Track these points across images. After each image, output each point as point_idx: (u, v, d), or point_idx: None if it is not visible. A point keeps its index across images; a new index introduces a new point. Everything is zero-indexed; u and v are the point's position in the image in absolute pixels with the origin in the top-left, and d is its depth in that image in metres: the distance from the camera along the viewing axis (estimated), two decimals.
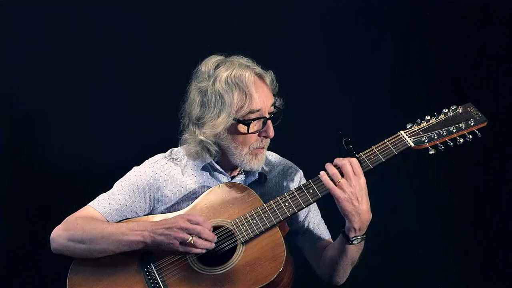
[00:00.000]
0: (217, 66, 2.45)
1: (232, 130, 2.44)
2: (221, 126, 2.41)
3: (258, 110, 2.42)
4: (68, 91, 3.41)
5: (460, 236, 3.44)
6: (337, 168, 2.31)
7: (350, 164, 2.30)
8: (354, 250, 2.40)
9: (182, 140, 2.55)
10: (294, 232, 2.58)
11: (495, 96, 3.30)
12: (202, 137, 2.45)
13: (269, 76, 2.48)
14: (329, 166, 2.32)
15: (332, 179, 2.30)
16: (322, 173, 2.33)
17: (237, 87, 2.40)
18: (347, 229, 2.34)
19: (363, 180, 2.29)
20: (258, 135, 2.45)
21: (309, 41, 3.48)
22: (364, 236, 2.36)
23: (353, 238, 2.34)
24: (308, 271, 2.62)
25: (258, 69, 2.46)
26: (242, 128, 2.43)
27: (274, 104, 2.47)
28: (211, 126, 2.42)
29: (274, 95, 2.49)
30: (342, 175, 2.30)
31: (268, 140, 2.49)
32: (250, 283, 2.26)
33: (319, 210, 2.66)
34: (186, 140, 2.53)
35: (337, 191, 2.28)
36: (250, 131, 2.42)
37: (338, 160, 2.32)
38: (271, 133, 2.44)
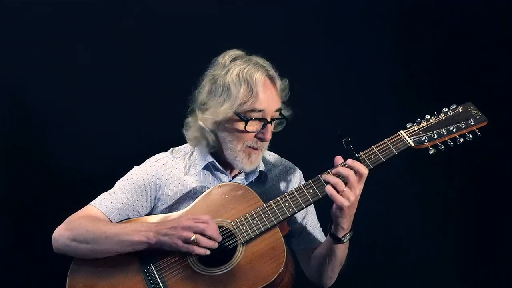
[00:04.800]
0: (234, 59, 2.48)
1: (231, 123, 2.45)
2: (221, 116, 2.43)
3: (260, 111, 2.43)
4: (68, 90, 3.41)
5: (460, 236, 3.45)
6: (339, 177, 2.29)
7: (355, 172, 2.29)
8: (342, 250, 2.42)
9: (185, 124, 2.57)
10: (290, 234, 2.55)
11: (495, 95, 3.30)
12: (201, 123, 2.48)
13: (282, 82, 2.49)
14: (330, 176, 2.30)
15: (334, 188, 2.29)
16: (324, 177, 2.31)
17: (246, 83, 2.41)
18: (336, 229, 2.35)
19: (361, 187, 2.30)
20: (255, 136, 2.45)
21: (309, 41, 3.48)
22: (352, 232, 2.37)
23: (343, 237, 2.35)
24: None
25: (272, 72, 2.47)
26: (240, 123, 2.43)
27: (280, 111, 2.48)
28: (212, 113, 2.44)
29: (283, 102, 2.51)
30: (345, 182, 2.29)
31: (265, 144, 2.48)
32: (251, 284, 2.25)
33: (315, 213, 2.67)
34: (188, 123, 2.55)
35: (341, 200, 2.27)
36: (247, 129, 2.43)
37: (343, 170, 2.29)
38: (268, 136, 2.45)
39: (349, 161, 2.31)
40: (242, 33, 3.34)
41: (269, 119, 2.45)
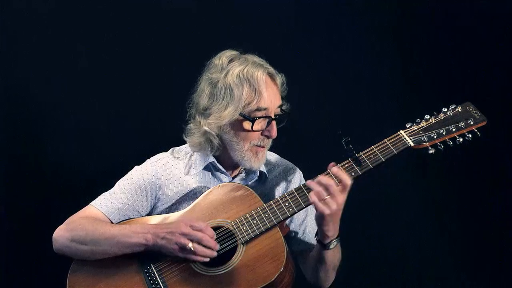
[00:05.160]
0: (231, 60, 2.48)
1: (236, 125, 2.45)
2: (227, 119, 2.42)
3: (265, 109, 2.43)
4: (68, 91, 3.41)
5: (460, 236, 3.45)
6: (321, 185, 2.27)
7: (337, 182, 2.27)
8: (332, 255, 2.40)
9: (186, 130, 2.56)
10: (290, 235, 2.57)
11: (495, 95, 3.30)
12: (206, 128, 2.46)
13: (280, 78, 2.50)
14: (313, 184, 2.28)
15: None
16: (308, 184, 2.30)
17: (248, 83, 2.41)
18: (322, 236, 2.34)
19: (345, 196, 2.27)
20: (261, 134, 2.46)
21: (309, 41, 3.48)
22: (339, 239, 2.36)
23: (329, 244, 2.34)
24: None
25: (271, 69, 2.48)
26: (246, 124, 2.44)
27: (281, 107, 2.49)
28: (217, 118, 2.44)
29: (282, 98, 2.51)
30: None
31: (270, 141, 2.50)
32: (251, 284, 2.26)
33: None
34: (191, 130, 2.54)
35: (321, 207, 2.25)
36: (253, 128, 2.43)
37: (323, 179, 2.27)
38: (274, 133, 2.46)
39: (334, 170, 2.30)
40: (241, 33, 3.34)
41: (273, 116, 2.45)
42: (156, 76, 3.41)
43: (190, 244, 2.27)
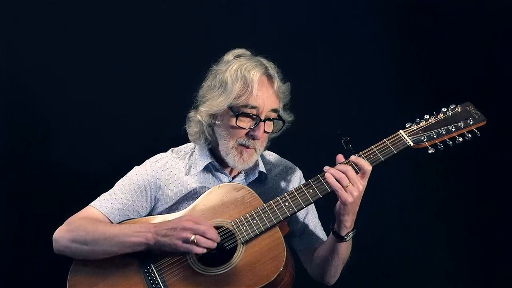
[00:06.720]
0: (237, 57, 2.51)
1: (225, 118, 2.47)
2: (215, 108, 2.45)
3: (253, 107, 2.44)
4: (68, 91, 3.41)
5: (460, 236, 3.45)
6: (341, 172, 2.30)
7: (359, 169, 2.31)
8: (345, 248, 2.43)
9: (187, 119, 2.58)
10: (291, 234, 2.57)
11: (494, 95, 3.30)
12: (199, 116, 2.50)
13: (282, 84, 2.51)
14: (333, 170, 2.31)
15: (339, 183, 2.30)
16: (327, 174, 2.32)
17: (243, 79, 2.43)
18: (339, 228, 2.36)
19: (365, 183, 2.31)
20: (246, 133, 2.46)
21: (308, 40, 3.49)
22: (354, 231, 2.38)
23: (346, 235, 2.36)
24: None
25: (272, 71, 2.48)
26: (233, 118, 2.44)
27: (277, 112, 2.49)
28: (208, 105, 2.47)
29: (285, 106, 2.52)
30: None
31: (258, 143, 2.47)
32: (251, 283, 2.26)
33: (316, 212, 2.67)
34: (189, 118, 2.57)
35: (344, 195, 2.28)
36: (238, 124, 2.44)
37: (343, 167, 2.31)
38: (258, 134, 2.44)
39: (353, 158, 2.34)
40: (242, 33, 3.35)
41: (262, 118, 2.45)
42: (157, 76, 3.41)
43: (193, 237, 2.27)
